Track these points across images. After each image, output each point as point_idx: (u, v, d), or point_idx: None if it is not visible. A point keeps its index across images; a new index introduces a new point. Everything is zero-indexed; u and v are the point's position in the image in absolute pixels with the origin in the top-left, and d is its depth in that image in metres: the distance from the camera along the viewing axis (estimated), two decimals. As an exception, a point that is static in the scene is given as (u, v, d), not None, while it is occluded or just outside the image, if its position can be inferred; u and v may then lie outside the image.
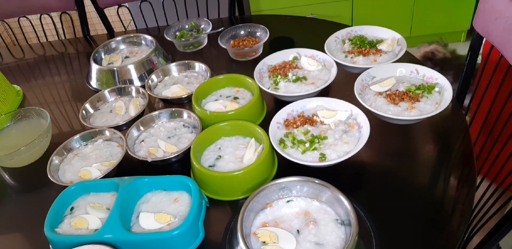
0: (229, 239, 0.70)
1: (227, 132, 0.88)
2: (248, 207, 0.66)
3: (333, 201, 0.68)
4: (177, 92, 1.06)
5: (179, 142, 0.91)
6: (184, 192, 0.78)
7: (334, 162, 0.76)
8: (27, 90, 1.27)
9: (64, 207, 0.78)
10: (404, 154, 0.85)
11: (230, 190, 0.80)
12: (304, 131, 0.84)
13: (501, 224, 0.80)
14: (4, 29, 2.76)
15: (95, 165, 0.88)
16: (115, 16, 1.90)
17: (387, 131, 0.90)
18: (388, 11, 2.37)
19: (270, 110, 1.00)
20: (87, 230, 0.74)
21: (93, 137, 0.96)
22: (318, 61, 1.04)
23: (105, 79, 1.18)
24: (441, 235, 0.69)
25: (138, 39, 1.31)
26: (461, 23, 2.44)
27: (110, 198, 0.79)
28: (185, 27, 1.35)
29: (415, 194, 0.76)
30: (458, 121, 0.91)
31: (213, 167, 0.83)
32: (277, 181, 0.69)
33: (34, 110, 1.04)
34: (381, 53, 1.03)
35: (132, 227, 0.74)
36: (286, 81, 0.98)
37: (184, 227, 0.68)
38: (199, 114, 0.94)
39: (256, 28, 1.25)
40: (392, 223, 0.72)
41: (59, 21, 1.66)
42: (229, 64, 1.22)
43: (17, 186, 0.96)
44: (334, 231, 0.66)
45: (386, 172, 0.82)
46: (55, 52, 1.49)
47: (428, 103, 0.86)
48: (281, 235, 0.65)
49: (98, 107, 1.07)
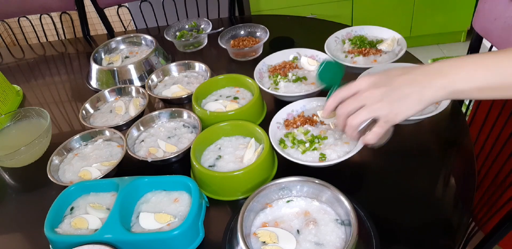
0: (229, 239, 0.70)
1: (227, 132, 0.88)
2: (248, 207, 0.66)
3: (333, 201, 0.68)
4: (177, 92, 1.06)
5: (179, 142, 0.91)
6: (184, 192, 0.78)
7: (334, 162, 0.76)
8: (27, 90, 1.27)
9: (64, 207, 0.78)
10: (404, 153, 0.85)
11: (230, 190, 0.80)
12: (304, 131, 0.84)
13: (501, 224, 0.80)
14: (4, 29, 2.76)
15: (95, 165, 0.88)
16: (115, 16, 1.90)
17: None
18: (388, 11, 2.37)
19: (270, 110, 1.00)
20: (87, 230, 0.74)
21: (93, 137, 0.96)
22: (318, 61, 1.04)
23: (105, 79, 1.18)
24: (441, 235, 0.69)
25: (138, 39, 1.31)
26: (461, 23, 2.44)
27: (110, 198, 0.79)
28: (185, 27, 1.35)
29: (415, 194, 0.76)
30: (458, 122, 0.91)
31: (213, 167, 0.83)
32: (277, 181, 0.69)
33: (34, 110, 1.04)
34: (381, 53, 1.03)
35: (132, 227, 0.74)
36: (286, 81, 0.98)
37: (184, 227, 0.68)
38: (199, 114, 0.94)
39: (256, 28, 1.25)
40: (392, 223, 0.72)
41: (59, 21, 1.66)
42: (229, 64, 1.22)
43: (17, 186, 0.96)
44: (334, 231, 0.66)
45: (386, 172, 0.82)
46: (55, 52, 1.49)
47: (428, 103, 0.86)
48: (281, 235, 0.65)
49: (98, 107, 1.07)
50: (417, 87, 0.61)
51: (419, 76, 0.61)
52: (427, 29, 2.49)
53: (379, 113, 0.63)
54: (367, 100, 0.63)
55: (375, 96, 0.63)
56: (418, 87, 0.60)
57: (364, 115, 0.64)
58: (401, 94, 0.61)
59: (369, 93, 0.63)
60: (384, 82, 0.63)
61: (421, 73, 0.61)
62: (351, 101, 0.65)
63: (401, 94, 0.61)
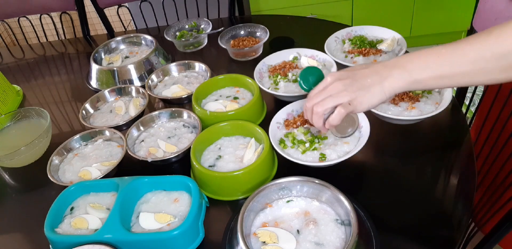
0: (229, 239, 0.70)
1: (227, 132, 0.88)
2: (248, 207, 0.66)
3: (333, 201, 0.68)
4: (177, 92, 1.06)
5: (179, 142, 0.91)
6: (184, 192, 0.78)
7: (334, 162, 0.76)
8: (27, 90, 1.27)
9: (64, 207, 0.78)
10: (404, 153, 0.85)
11: (230, 190, 0.80)
12: (304, 131, 0.84)
13: (501, 224, 0.80)
14: (4, 29, 2.76)
15: (95, 165, 0.88)
16: (115, 16, 1.90)
17: (387, 131, 0.90)
18: (388, 11, 2.37)
19: (270, 110, 1.00)
20: (87, 230, 0.74)
21: (93, 137, 0.96)
22: (318, 61, 1.04)
23: (105, 79, 1.18)
24: (441, 235, 0.69)
25: (138, 39, 1.31)
26: (461, 23, 2.44)
27: (110, 198, 0.79)
28: (185, 27, 1.35)
29: (415, 194, 0.76)
30: (458, 121, 0.91)
31: (213, 167, 0.83)
32: (277, 181, 0.69)
33: (34, 110, 1.04)
34: (381, 53, 1.03)
35: (132, 227, 0.74)
36: (286, 81, 0.98)
37: (184, 227, 0.68)
38: (199, 114, 0.94)
39: (256, 28, 1.25)
40: (392, 223, 0.72)
41: (59, 21, 1.66)
42: (229, 64, 1.22)
43: (17, 186, 0.96)
44: (334, 231, 0.66)
45: (386, 172, 0.82)
46: (55, 52, 1.49)
47: (428, 103, 0.86)
48: (281, 235, 0.65)
49: (98, 107, 1.07)
50: (377, 78, 0.65)
51: (379, 68, 0.66)
52: (427, 29, 2.49)
53: (343, 100, 0.66)
54: (332, 91, 0.68)
55: (338, 87, 0.67)
56: (378, 78, 0.65)
57: (328, 102, 0.67)
58: (362, 85, 0.66)
59: (333, 86, 0.68)
60: (347, 76, 0.68)
61: (381, 66, 0.66)
62: (318, 95, 0.69)
63: (363, 85, 0.66)
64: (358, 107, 0.67)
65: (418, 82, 0.63)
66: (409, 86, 0.64)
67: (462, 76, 0.61)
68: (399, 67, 0.64)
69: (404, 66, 0.64)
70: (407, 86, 0.64)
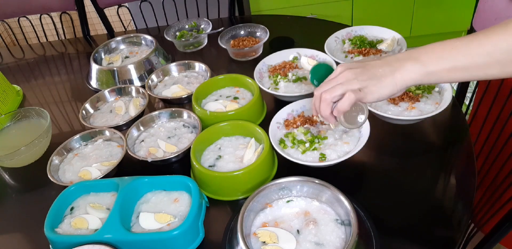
0: (229, 239, 0.70)
1: (227, 132, 0.88)
2: (248, 207, 0.66)
3: (333, 201, 0.68)
4: (177, 92, 1.06)
5: (179, 142, 0.91)
6: (184, 192, 0.78)
7: (334, 162, 0.76)
8: (27, 90, 1.27)
9: (64, 207, 0.78)
10: (404, 153, 0.85)
11: (230, 190, 0.80)
12: (304, 131, 0.84)
13: (501, 224, 0.80)
14: (4, 29, 2.76)
15: (95, 165, 0.88)
16: (115, 16, 1.90)
17: (387, 131, 0.90)
18: (388, 11, 2.37)
19: (270, 110, 1.00)
20: (87, 230, 0.74)
21: (93, 137, 0.96)
22: (318, 61, 1.04)
23: (105, 79, 1.18)
24: (441, 235, 0.69)
25: (138, 39, 1.31)
26: (461, 23, 2.44)
27: (110, 198, 0.79)
28: (185, 27, 1.35)
29: (415, 194, 0.76)
30: (458, 121, 0.91)
31: (213, 167, 0.83)
32: (277, 181, 0.69)
33: (34, 110, 1.04)
34: (381, 53, 1.03)
35: (132, 227, 0.74)
36: (286, 81, 0.98)
37: (184, 227, 0.68)
38: (199, 114, 0.94)
39: (256, 28, 1.25)
40: (392, 223, 0.72)
41: (59, 21, 1.66)
42: (229, 64, 1.22)
43: (17, 186, 0.96)
44: (334, 231, 0.66)
45: (386, 172, 0.82)
46: (55, 52, 1.49)
47: (428, 103, 0.86)
48: (281, 235, 0.65)
49: (98, 107, 1.07)
50: (389, 69, 0.64)
51: (392, 60, 0.65)
52: (427, 29, 2.48)
53: (353, 87, 0.65)
54: (342, 79, 0.67)
55: (348, 76, 0.66)
56: (390, 69, 0.64)
57: (337, 89, 0.66)
58: (374, 74, 0.65)
59: (343, 74, 0.67)
60: (358, 65, 0.67)
61: (393, 58, 0.65)
62: (327, 83, 0.68)
63: (374, 74, 0.65)
64: (368, 96, 0.65)
65: (431, 74, 0.62)
66: (421, 79, 0.63)
67: (477, 69, 0.59)
68: (413, 59, 0.63)
69: (417, 57, 0.62)
70: (419, 79, 0.63)
